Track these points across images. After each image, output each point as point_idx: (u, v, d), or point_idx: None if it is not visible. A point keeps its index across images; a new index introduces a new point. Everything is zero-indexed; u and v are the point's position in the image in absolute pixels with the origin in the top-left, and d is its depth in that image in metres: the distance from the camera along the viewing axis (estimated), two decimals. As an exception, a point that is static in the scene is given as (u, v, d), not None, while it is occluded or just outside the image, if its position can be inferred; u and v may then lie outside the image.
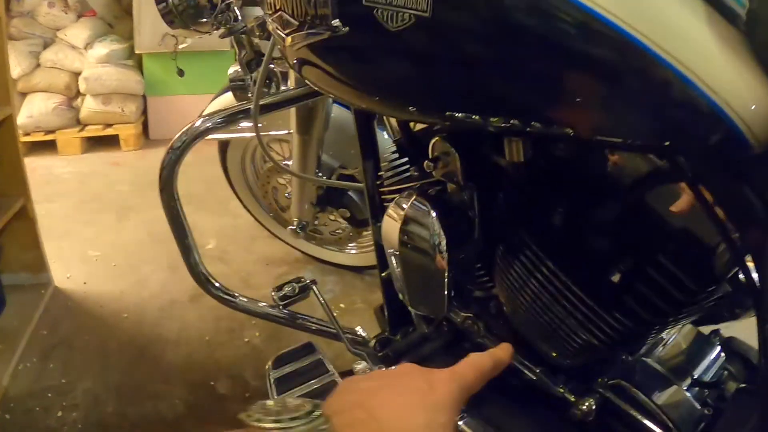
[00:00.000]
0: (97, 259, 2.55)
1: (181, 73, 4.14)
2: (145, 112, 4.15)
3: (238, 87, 1.40)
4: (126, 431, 1.68)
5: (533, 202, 0.86)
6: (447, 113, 0.68)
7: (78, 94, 3.99)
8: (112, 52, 3.95)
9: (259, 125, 1.31)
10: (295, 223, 1.98)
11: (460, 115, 0.67)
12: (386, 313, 1.37)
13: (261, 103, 1.24)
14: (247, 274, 2.41)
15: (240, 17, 1.26)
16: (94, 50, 3.94)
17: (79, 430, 1.68)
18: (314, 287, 1.35)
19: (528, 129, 0.63)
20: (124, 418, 1.72)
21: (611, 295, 0.77)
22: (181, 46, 3.97)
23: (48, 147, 3.85)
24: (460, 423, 0.97)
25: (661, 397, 0.85)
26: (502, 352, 0.68)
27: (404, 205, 0.90)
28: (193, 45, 3.89)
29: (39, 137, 3.84)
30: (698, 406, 0.85)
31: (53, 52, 3.95)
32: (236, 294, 1.44)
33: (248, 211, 2.41)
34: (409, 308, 1.14)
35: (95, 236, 2.74)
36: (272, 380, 1.33)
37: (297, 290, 1.34)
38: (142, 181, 3.38)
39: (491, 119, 0.65)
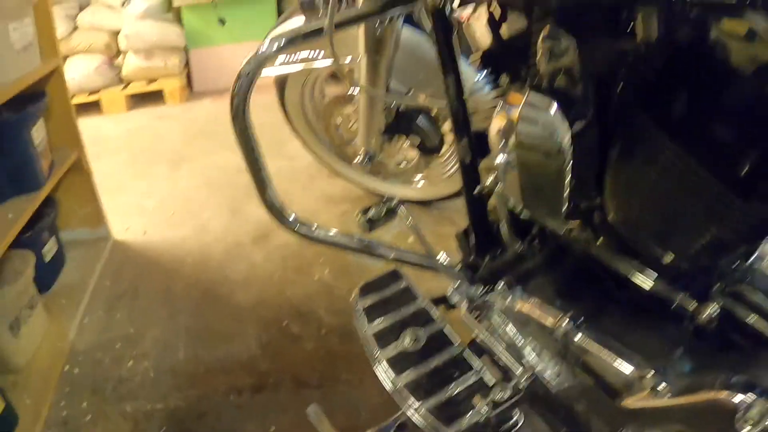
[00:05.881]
0: (154, 209, 2.47)
1: (222, 22, 4.05)
2: (187, 65, 4.05)
3: (307, 6, 1.27)
4: (200, 376, 1.60)
5: (658, 86, 0.79)
6: None
7: (119, 52, 3.91)
8: (150, 7, 3.84)
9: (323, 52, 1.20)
10: (361, 154, 1.85)
11: None
12: (473, 236, 1.28)
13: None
14: (310, 212, 2.30)
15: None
16: (131, 7, 3.84)
17: (152, 378, 1.61)
18: (402, 208, 1.22)
19: None
20: (198, 363, 1.64)
21: (740, 179, 0.71)
22: (219, -5, 3.84)
23: (93, 108, 3.78)
24: (578, 335, 0.94)
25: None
26: None
27: (518, 103, 0.85)
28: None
29: (83, 99, 3.77)
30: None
31: (90, 13, 3.88)
32: (313, 225, 1.31)
33: (308, 148, 2.30)
34: (502, 228, 1.17)
35: (150, 187, 2.67)
36: (360, 309, 1.23)
37: (384, 212, 1.21)
38: (192, 131, 3.32)
39: None
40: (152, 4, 3.86)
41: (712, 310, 0.82)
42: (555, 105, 0.82)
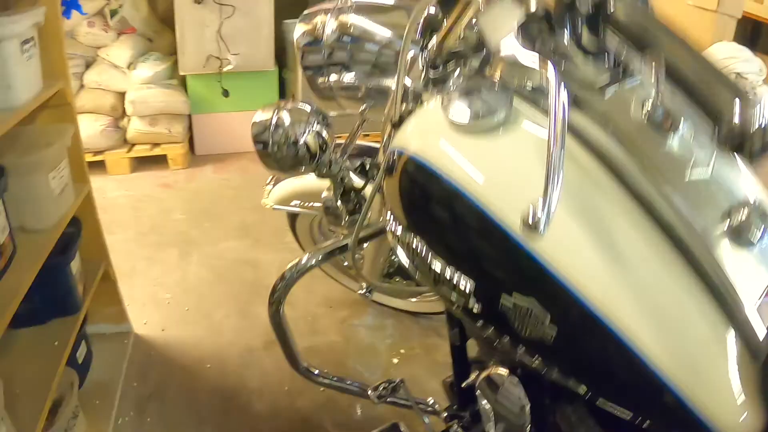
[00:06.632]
0: (169, 303, 2.70)
1: (226, 93, 4.31)
2: (190, 129, 4.28)
3: (331, 213, 1.55)
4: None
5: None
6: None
7: (123, 114, 4.11)
8: (156, 74, 4.04)
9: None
10: (364, 287, 2.14)
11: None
12: (458, 389, 1.58)
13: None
14: (313, 318, 2.58)
15: (336, 161, 1.40)
16: (138, 71, 4.02)
17: (189, 486, 1.89)
18: (403, 386, 1.56)
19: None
20: (225, 474, 1.92)
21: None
22: (225, 68, 4.11)
23: (97, 166, 3.96)
24: None
25: None
26: None
27: (500, 380, 1.14)
28: (236, 66, 4.02)
29: (88, 158, 3.92)
30: None
31: (96, 73, 4.04)
32: (332, 376, 1.64)
33: (321, 268, 2.58)
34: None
35: (162, 275, 2.89)
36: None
37: (390, 390, 1.55)
38: (196, 208, 3.54)
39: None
40: (158, 71, 4.06)
41: None
42: (520, 384, 1.12)
